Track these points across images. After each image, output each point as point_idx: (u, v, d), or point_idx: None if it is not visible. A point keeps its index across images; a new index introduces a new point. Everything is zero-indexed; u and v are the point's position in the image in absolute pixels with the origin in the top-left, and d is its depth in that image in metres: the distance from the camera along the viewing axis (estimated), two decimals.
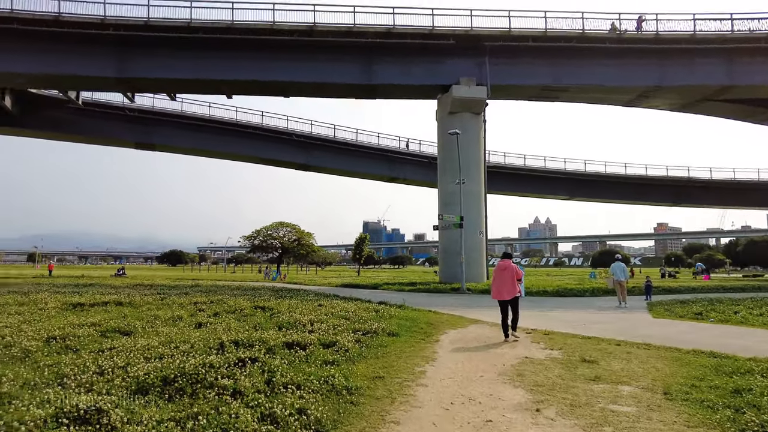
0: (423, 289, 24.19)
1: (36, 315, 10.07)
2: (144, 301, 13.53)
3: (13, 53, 28.36)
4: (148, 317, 10.03)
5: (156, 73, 29.66)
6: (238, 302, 13.37)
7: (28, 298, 13.47)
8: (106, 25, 28.03)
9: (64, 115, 38.27)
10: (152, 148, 43.20)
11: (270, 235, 59.56)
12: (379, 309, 12.36)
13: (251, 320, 9.99)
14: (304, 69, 29.54)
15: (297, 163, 44.09)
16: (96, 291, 16.84)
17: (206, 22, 28.26)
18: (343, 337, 8.01)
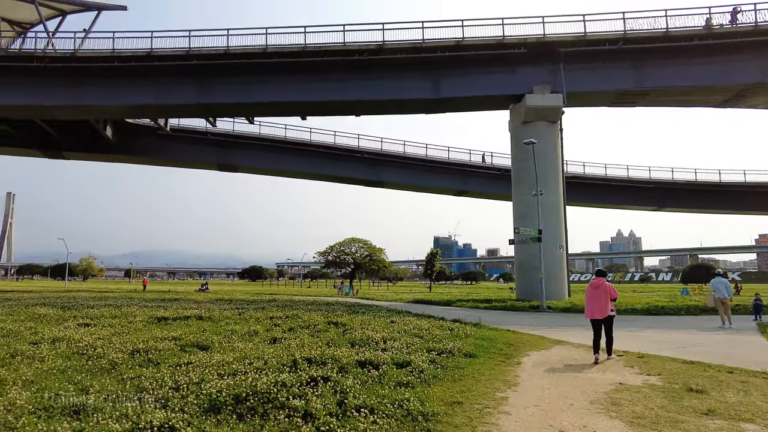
0: (499, 306, 23.23)
1: (125, 328, 10.64)
2: (223, 315, 13.97)
3: (112, 88, 31.14)
4: (225, 332, 10.25)
5: (234, 98, 31.30)
6: (312, 317, 13.44)
7: (121, 311, 14.38)
8: (190, 56, 30.06)
9: (155, 142, 41.35)
10: (234, 169, 45.49)
11: (343, 251, 60.77)
12: (453, 327, 11.86)
13: (324, 336, 9.91)
14: (374, 87, 29.94)
15: (367, 180, 44.58)
16: (179, 306, 17.70)
17: (280, 47, 29.48)
18: (417, 356, 7.66)
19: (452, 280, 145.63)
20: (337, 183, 48.21)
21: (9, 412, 4.45)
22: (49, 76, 30.58)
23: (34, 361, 6.90)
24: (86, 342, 8.26)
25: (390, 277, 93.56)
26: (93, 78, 30.64)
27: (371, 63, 29.30)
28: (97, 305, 16.77)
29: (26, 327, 10.39)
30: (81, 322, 11.50)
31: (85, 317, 12.53)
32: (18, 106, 31.50)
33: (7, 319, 12.17)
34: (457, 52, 28.51)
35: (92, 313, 13.50)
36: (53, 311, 14.06)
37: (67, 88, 30.95)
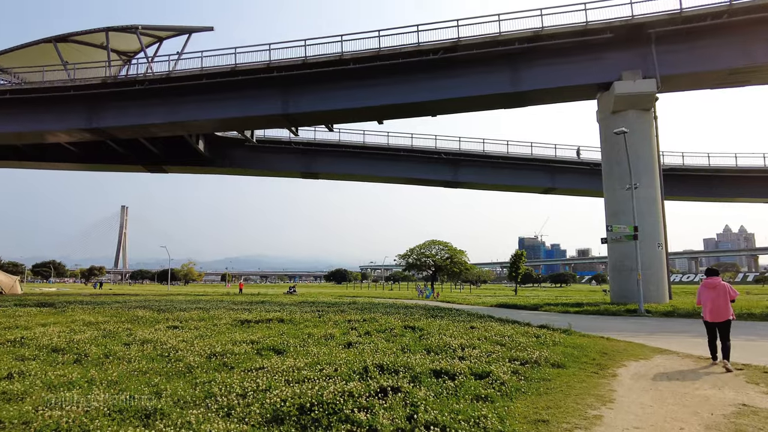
0: (591, 310, 21.58)
1: (209, 330, 11.03)
2: (303, 318, 14.13)
3: (202, 103, 33.24)
4: (302, 335, 10.26)
5: (313, 107, 32.07)
6: (389, 321, 13.20)
7: (209, 314, 15.06)
8: (271, 68, 31.27)
9: (244, 153, 43.65)
10: (316, 176, 46.85)
11: (423, 254, 60.33)
12: (540, 334, 11.02)
13: (400, 341, 9.58)
14: (450, 85, 29.29)
15: (446, 181, 43.83)
16: (264, 308, 18.26)
17: (355, 53, 29.77)
18: (498, 366, 7.07)
19: (539, 282, 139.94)
20: (415, 185, 47.97)
21: (87, 413, 4.56)
22: (149, 97, 33.29)
23: (122, 361, 7.23)
24: (171, 344, 8.59)
25: (472, 279, 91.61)
26: (185, 95, 32.88)
27: (446, 61, 28.70)
28: (188, 308, 17.77)
29: (124, 329, 11.11)
30: (171, 324, 12.13)
31: (176, 320, 13.23)
32: (125, 127, 34.57)
33: (110, 320, 13.16)
34: (537, 42, 27.08)
35: (182, 316, 14.25)
36: (149, 314, 15.05)
37: (164, 107, 33.50)
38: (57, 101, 33.35)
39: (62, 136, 35.53)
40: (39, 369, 6.57)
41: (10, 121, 34.09)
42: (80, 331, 10.42)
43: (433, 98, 29.77)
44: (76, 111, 33.73)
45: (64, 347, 8.34)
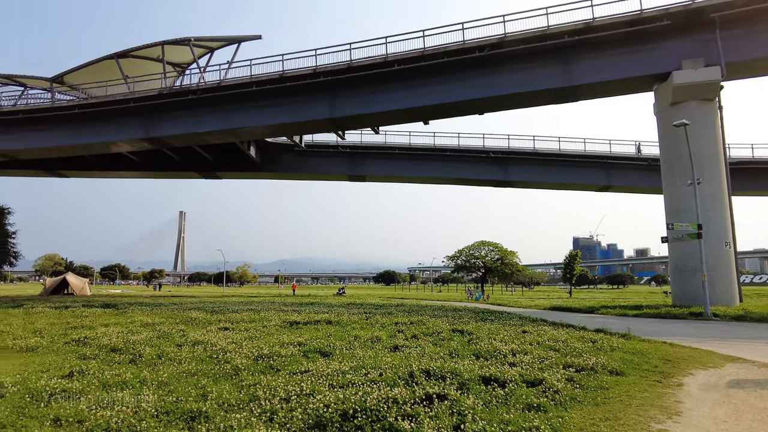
0: (651, 313, 20.40)
1: (258, 332, 11.19)
2: (350, 320, 14.13)
3: (252, 110, 34.15)
4: (349, 338, 10.21)
5: (359, 110, 32.22)
6: (437, 324, 12.95)
7: (259, 315, 15.35)
8: (317, 73, 31.70)
9: (293, 158, 44.54)
10: (363, 179, 47.14)
11: (472, 255, 59.29)
12: (596, 339, 10.45)
13: (447, 345, 9.33)
14: (497, 82, 28.64)
15: (495, 180, 42.90)
16: (312, 310, 18.44)
17: (400, 54, 29.68)
18: (551, 373, 6.71)
19: (595, 284, 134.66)
20: (463, 186, 47.31)
21: (136, 414, 4.65)
22: (201, 106, 34.55)
23: (173, 362, 7.42)
24: (220, 346, 8.75)
25: (524, 281, 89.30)
26: (236, 103, 33.89)
27: (492, 58, 28.09)
28: (240, 310, 18.20)
29: (177, 330, 11.47)
30: (222, 326, 12.42)
31: (227, 321, 13.55)
32: (179, 135, 36.04)
33: (166, 321, 13.66)
34: (587, 35, 26.01)
35: (234, 318, 14.59)
36: (203, 315, 15.52)
37: (215, 115, 34.66)
38: (119, 113, 35.25)
39: (124, 146, 37.48)
40: (97, 368, 6.84)
41: (79, 134, 36.34)
42: (137, 332, 10.84)
43: (480, 96, 29.20)
44: (136, 122, 35.50)
45: (121, 347, 8.69)
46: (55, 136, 36.68)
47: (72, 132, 36.50)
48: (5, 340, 9.77)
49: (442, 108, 31.03)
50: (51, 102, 36.76)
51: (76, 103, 35.67)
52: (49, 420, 4.61)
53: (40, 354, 8.54)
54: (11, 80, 39.63)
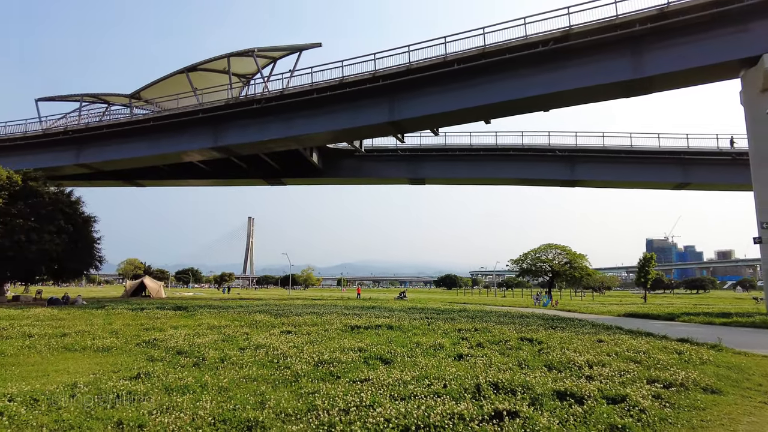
0: (743, 322, 18.50)
1: (320, 336, 11.11)
2: (412, 325, 13.79)
3: (313, 117, 34.75)
4: (410, 344, 9.88)
5: (418, 112, 31.87)
6: (503, 332, 12.33)
7: (321, 319, 15.36)
8: (376, 77, 31.74)
9: (354, 163, 44.98)
10: (423, 182, 46.79)
11: (538, 258, 57.20)
12: (682, 350, 9.46)
13: (516, 355, 8.76)
14: (562, 77, 27.31)
15: (561, 180, 41.05)
16: (373, 314, 18.27)
17: (460, 53, 29.09)
18: (635, 389, 6.02)
19: (672, 288, 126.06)
20: (528, 186, 45.76)
21: (193, 421, 4.58)
22: (265, 114, 35.63)
23: (235, 366, 7.42)
24: (282, 350, 8.70)
25: (594, 286, 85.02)
26: (298, 111, 34.64)
27: (556, 52, 26.85)
28: (303, 313, 18.37)
29: (242, 333, 11.64)
30: (285, 329, 12.48)
31: (290, 324, 13.63)
32: (245, 144, 37.37)
33: (232, 324, 13.96)
34: (662, 21, 24.23)
35: (297, 321, 14.67)
36: (267, 318, 15.75)
37: (278, 123, 35.61)
38: (189, 124, 37.08)
39: (195, 155, 39.39)
40: (162, 371, 6.95)
41: (154, 145, 38.60)
42: (203, 335, 11.09)
43: (544, 92, 27.99)
44: (205, 132, 37.18)
45: (187, 350, 8.86)
46: (134, 148, 39.16)
47: (148, 144, 38.83)
48: (86, 339, 10.30)
49: (504, 106, 30.07)
50: (129, 116, 39.34)
51: (150, 117, 37.93)
52: (113, 423, 4.63)
53: (113, 354, 8.89)
54: (97, 99, 42.90)
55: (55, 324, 13.36)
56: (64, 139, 40.46)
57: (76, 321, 14.42)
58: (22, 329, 11.94)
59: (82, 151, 40.60)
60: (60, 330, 11.89)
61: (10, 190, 29.09)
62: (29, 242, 27.33)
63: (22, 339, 10.51)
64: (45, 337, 10.75)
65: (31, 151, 41.94)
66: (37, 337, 10.68)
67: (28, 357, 8.59)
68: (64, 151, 41.13)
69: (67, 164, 41.25)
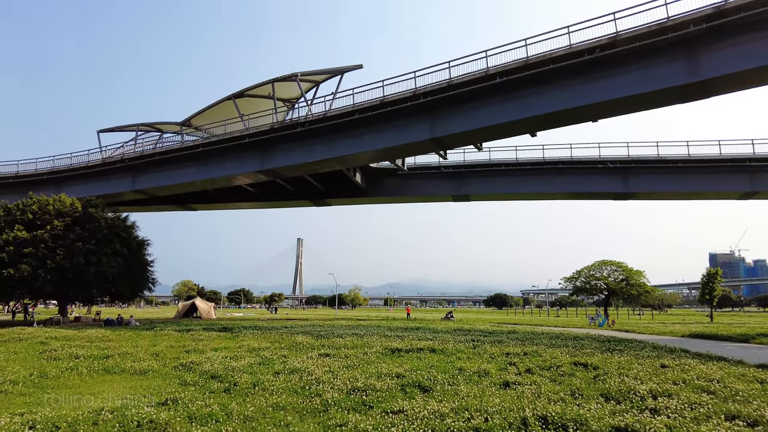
0: None
1: (358, 359, 10.69)
2: (456, 348, 13.12)
3: (355, 138, 34.90)
4: (452, 370, 9.29)
5: (460, 128, 31.33)
6: (555, 355, 11.46)
7: (362, 341, 14.94)
8: (417, 95, 31.54)
9: (396, 182, 44.82)
10: (467, 199, 45.97)
11: (593, 276, 54.68)
12: (764, 378, 8.37)
13: (568, 382, 8.00)
14: (611, 85, 26.12)
15: (614, 193, 39.18)
16: (416, 336, 17.67)
17: (501, 66, 28.46)
18: (711, 427, 5.22)
19: (741, 306, 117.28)
20: (578, 200, 44.00)
21: None
22: (309, 137, 36.14)
23: (265, 393, 7.12)
24: (316, 375, 8.35)
25: (654, 304, 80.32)
26: (340, 132, 34.92)
27: (604, 60, 25.76)
28: (345, 334, 18.01)
29: (279, 356, 11.39)
30: (323, 352, 12.15)
31: (330, 347, 13.29)
32: (291, 166, 37.99)
33: (272, 346, 13.78)
34: (719, 20, 22.73)
35: (337, 343, 14.32)
36: (308, 340, 15.49)
37: (322, 144, 36.00)
38: (236, 149, 38.14)
39: (243, 178, 40.41)
40: (191, 397, 6.74)
41: (205, 170, 39.92)
42: (241, 358, 10.93)
43: (591, 101, 26.86)
44: (251, 156, 38.11)
45: (221, 374, 8.67)
46: (185, 174, 40.65)
47: (199, 169, 40.20)
48: (126, 362, 10.36)
49: (550, 117, 29.08)
50: (180, 143, 40.96)
51: (200, 143, 39.32)
52: None
53: (149, 378, 8.84)
54: (151, 127, 45.09)
55: (103, 345, 13.63)
56: (122, 167, 42.57)
57: (122, 342, 14.69)
58: (72, 350, 12.21)
59: (138, 178, 42.55)
60: (105, 352, 12.07)
61: (72, 216, 30.74)
62: (88, 264, 28.68)
63: (68, 360, 10.71)
64: (89, 358, 10.92)
65: (93, 179, 44.40)
66: (83, 359, 10.86)
67: (68, 379, 8.67)
68: (122, 178, 43.27)
69: (124, 190, 43.33)
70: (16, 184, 45.82)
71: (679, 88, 25.06)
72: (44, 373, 9.03)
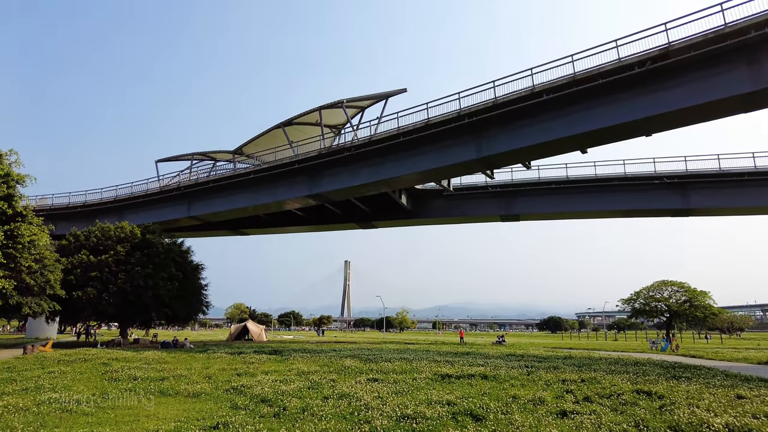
0: None
1: (407, 385, 10.49)
2: (509, 375, 12.65)
3: (402, 160, 35.02)
4: (506, 397, 8.93)
5: (507, 146, 30.90)
6: (615, 382, 10.83)
7: (411, 365, 14.69)
8: (462, 116, 31.47)
9: (442, 203, 44.61)
10: (516, 218, 45.04)
11: (652, 297, 51.97)
12: None
13: (631, 413, 7.50)
14: (665, 97, 25.07)
15: (672, 209, 37.23)
16: (467, 361, 17.20)
17: (547, 83, 28.03)
18: None
19: None
20: (633, 218, 42.11)
21: None
22: (355, 161, 36.72)
23: (314, 419, 7.08)
24: (365, 401, 8.25)
25: (722, 327, 74.98)
26: (386, 155, 35.26)
27: (656, 72, 24.82)
28: (393, 358, 17.78)
29: (328, 380, 11.36)
30: (372, 376, 12.02)
31: (378, 371, 13.15)
32: (338, 190, 38.64)
33: (321, 370, 13.79)
34: None
35: (386, 367, 14.15)
36: (357, 364, 15.41)
37: (368, 168, 36.45)
38: (286, 175, 39.25)
39: (293, 203, 41.43)
40: (242, 421, 6.80)
41: (256, 196, 41.28)
42: (290, 381, 10.98)
43: (644, 115, 25.86)
44: (300, 181, 39.09)
45: (271, 398, 8.73)
46: (237, 200, 42.16)
47: (250, 195, 41.60)
48: (180, 384, 10.63)
49: (600, 134, 28.22)
50: (233, 171, 42.61)
51: (251, 170, 40.74)
52: None
53: (202, 400, 9.01)
54: (205, 156, 47.27)
55: (159, 367, 14.10)
56: (178, 195, 44.68)
57: (177, 365, 15.14)
58: (131, 372, 12.70)
59: (193, 205, 44.49)
60: (161, 374, 12.46)
61: (132, 242, 32.46)
62: (146, 288, 30.07)
63: (127, 381, 11.12)
64: (146, 380, 11.30)
65: (152, 206, 46.84)
66: (140, 380, 11.25)
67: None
68: (178, 205, 45.38)
69: (180, 217, 45.37)
70: (84, 212, 49.02)
71: (743, 97, 23.74)
72: (105, 393, 9.42)
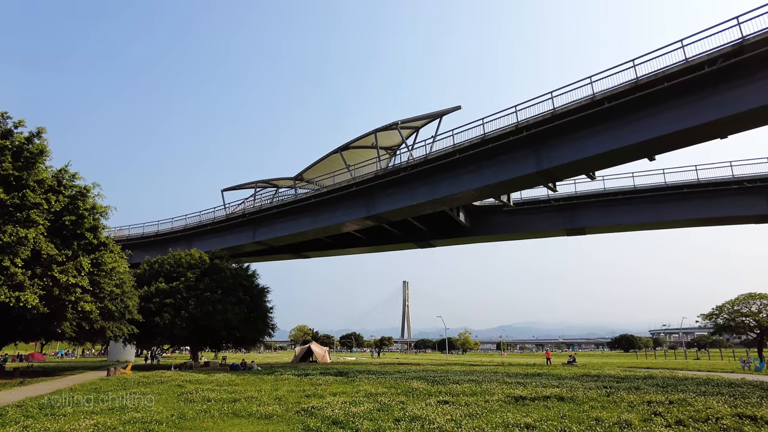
0: None
1: (480, 408, 10.14)
2: (587, 396, 11.94)
3: (457, 177, 34.83)
4: (588, 420, 8.39)
5: (568, 157, 29.90)
6: (709, 405, 9.91)
7: (481, 387, 14.23)
8: (519, 129, 30.87)
9: (502, 218, 43.66)
10: (582, 232, 43.22)
11: (737, 311, 47.76)
12: None
13: None
14: (741, 96, 23.37)
15: (756, 216, 34.42)
16: (539, 382, 16.44)
17: (607, 91, 27.01)
18: None
19: None
20: (709, 226, 39.30)
21: None
22: (411, 181, 36.81)
23: None
24: (438, 424, 8.04)
25: None
26: (442, 173, 35.13)
27: (727, 70, 23.31)
28: (461, 380, 17.33)
29: (397, 402, 11.19)
30: (442, 399, 11.73)
31: (447, 393, 12.82)
32: (395, 210, 38.83)
33: (388, 391, 13.64)
34: None
35: (455, 389, 13.79)
36: (424, 386, 15.12)
37: (424, 187, 36.41)
38: (344, 198, 39.97)
39: (351, 225, 42.03)
40: None
41: (317, 220, 42.29)
42: (359, 403, 10.91)
43: (718, 117, 24.23)
44: (358, 203, 39.65)
45: (342, 420, 8.68)
46: (299, 224, 43.32)
47: (311, 219, 42.66)
48: (252, 406, 10.85)
49: (668, 139, 26.68)
50: (294, 196, 43.94)
51: (311, 194, 41.84)
52: None
53: (274, 422, 9.12)
54: (268, 183, 49.12)
55: (230, 389, 14.49)
56: (243, 221, 46.56)
57: (247, 386, 15.50)
58: (204, 393, 13.12)
59: (257, 230, 46.15)
60: (233, 395, 12.80)
61: (201, 268, 34.00)
62: (215, 312, 31.29)
63: (201, 403, 11.49)
64: (219, 401, 11.62)
65: (218, 233, 49.09)
66: (213, 402, 11.59)
67: (203, 421, 9.24)
68: (243, 231, 47.25)
69: (246, 243, 47.15)
70: (157, 241, 52.18)
71: None
72: (182, 414, 9.76)
